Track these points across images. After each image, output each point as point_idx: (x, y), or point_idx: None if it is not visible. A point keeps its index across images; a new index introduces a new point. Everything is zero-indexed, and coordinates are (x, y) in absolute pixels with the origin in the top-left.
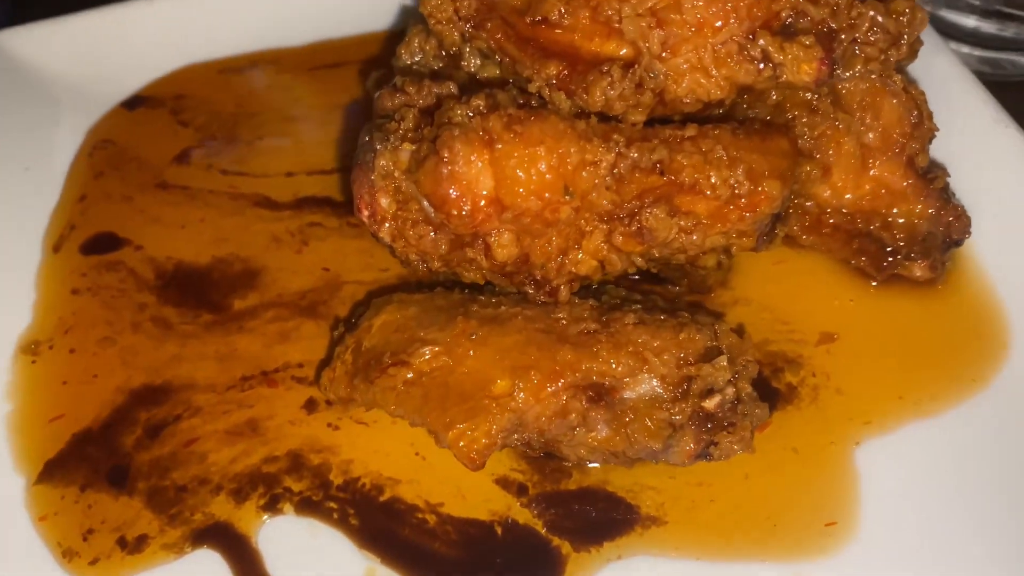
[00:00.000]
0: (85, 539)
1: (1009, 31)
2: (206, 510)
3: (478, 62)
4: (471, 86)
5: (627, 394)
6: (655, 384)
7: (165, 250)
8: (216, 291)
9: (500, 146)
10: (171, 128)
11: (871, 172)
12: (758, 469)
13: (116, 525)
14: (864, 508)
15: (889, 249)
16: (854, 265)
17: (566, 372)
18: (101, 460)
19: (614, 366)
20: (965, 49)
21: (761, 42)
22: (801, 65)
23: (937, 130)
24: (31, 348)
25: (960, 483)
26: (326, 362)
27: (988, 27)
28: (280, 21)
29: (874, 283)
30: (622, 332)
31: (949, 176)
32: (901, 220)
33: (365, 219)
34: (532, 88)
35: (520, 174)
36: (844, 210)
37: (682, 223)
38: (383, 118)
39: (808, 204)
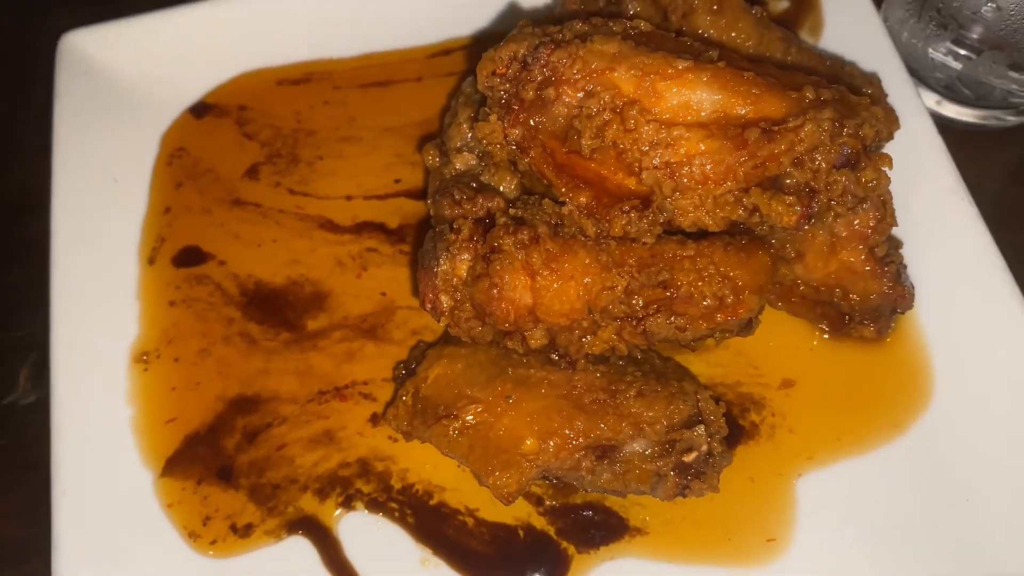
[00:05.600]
0: (204, 524)
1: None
2: (296, 505)
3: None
4: (515, 199)
5: (625, 450)
6: (647, 445)
7: (245, 267)
8: (292, 311)
9: (540, 279)
10: (238, 140)
11: (838, 257)
12: (722, 494)
13: (227, 514)
14: (798, 528)
15: (846, 315)
16: (814, 323)
17: (580, 438)
18: (210, 459)
19: (618, 432)
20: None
21: (752, 198)
22: (783, 217)
23: (896, 224)
24: (142, 358)
25: (877, 511)
26: (389, 388)
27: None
28: (331, 32)
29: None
30: (624, 404)
31: (904, 263)
32: (858, 294)
33: (428, 310)
34: (564, 211)
35: (554, 302)
36: (812, 284)
37: (677, 323)
38: (442, 223)
39: (783, 278)
